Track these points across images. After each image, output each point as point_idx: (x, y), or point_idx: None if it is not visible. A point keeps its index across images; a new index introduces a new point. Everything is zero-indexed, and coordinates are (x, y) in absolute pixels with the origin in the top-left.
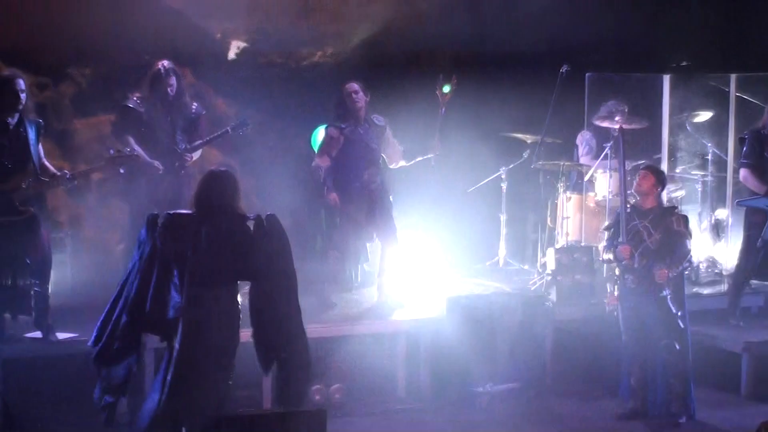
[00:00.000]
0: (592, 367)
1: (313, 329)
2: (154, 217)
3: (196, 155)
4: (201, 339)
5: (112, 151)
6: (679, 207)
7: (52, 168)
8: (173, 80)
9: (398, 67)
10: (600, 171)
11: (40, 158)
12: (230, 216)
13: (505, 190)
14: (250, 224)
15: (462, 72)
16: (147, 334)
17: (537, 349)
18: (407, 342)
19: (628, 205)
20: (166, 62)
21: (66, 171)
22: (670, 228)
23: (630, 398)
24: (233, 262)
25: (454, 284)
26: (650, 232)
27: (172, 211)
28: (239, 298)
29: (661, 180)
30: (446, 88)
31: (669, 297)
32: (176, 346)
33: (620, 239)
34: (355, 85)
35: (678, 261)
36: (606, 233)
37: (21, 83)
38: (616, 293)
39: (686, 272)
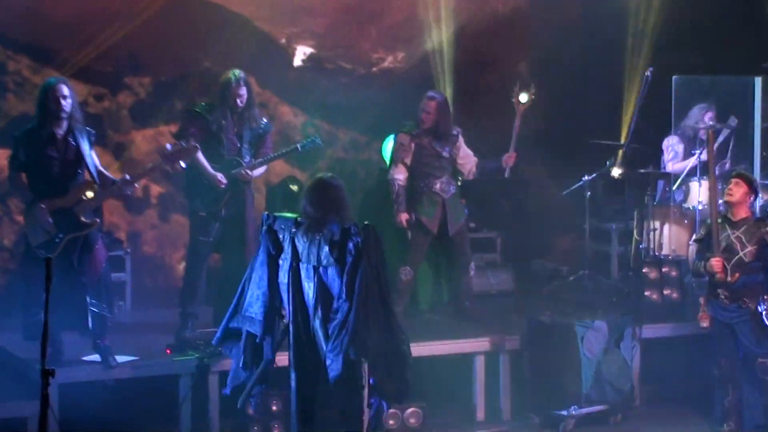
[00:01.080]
0: (684, 388)
1: None
2: (266, 218)
3: (258, 172)
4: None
5: (169, 146)
6: None
7: (111, 176)
8: (244, 90)
9: (473, 73)
10: (690, 179)
11: (96, 168)
12: (337, 225)
13: (588, 200)
14: (356, 234)
15: (543, 76)
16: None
17: (624, 369)
18: (486, 363)
19: (719, 217)
20: (237, 71)
21: (126, 175)
22: (764, 240)
23: (724, 422)
24: (339, 271)
25: (535, 301)
26: (744, 244)
27: (277, 214)
28: None
29: (754, 188)
30: (523, 98)
31: (765, 313)
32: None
33: (712, 252)
34: (428, 103)
35: None
36: (696, 245)
37: (63, 89)
38: (708, 310)
39: None
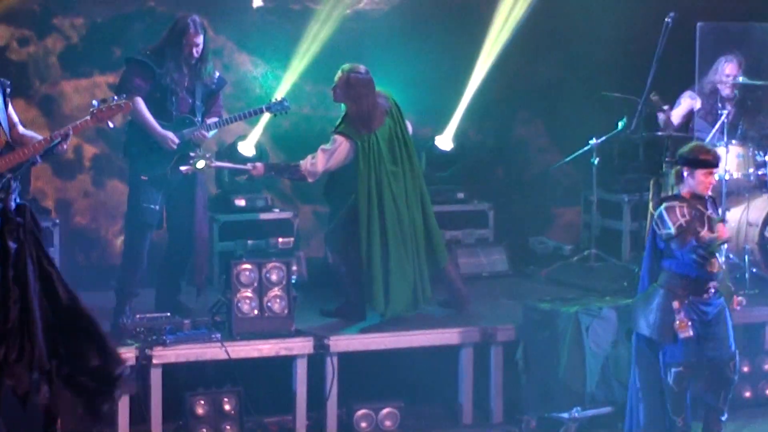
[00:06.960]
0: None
1: (355, 340)
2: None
3: (212, 134)
4: None
5: (96, 103)
6: None
7: (34, 135)
8: (200, 39)
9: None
10: (716, 144)
11: (12, 127)
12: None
13: (596, 167)
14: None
15: (544, 20)
16: None
17: None
18: (475, 356)
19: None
20: (196, 16)
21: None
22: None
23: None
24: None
25: (532, 286)
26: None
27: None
28: None
29: (683, 163)
30: None
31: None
32: None
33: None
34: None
35: None
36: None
37: None
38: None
39: None
